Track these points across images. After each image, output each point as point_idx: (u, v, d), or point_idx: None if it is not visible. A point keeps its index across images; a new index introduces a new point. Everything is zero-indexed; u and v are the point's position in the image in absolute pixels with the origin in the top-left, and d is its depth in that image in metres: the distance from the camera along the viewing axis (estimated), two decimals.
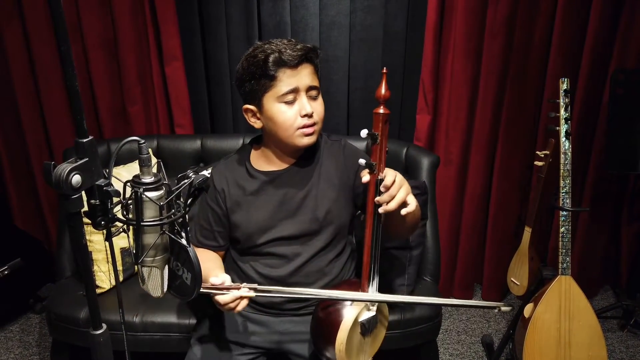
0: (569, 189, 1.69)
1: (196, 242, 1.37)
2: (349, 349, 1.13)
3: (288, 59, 1.18)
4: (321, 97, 1.28)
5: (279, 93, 1.20)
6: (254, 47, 1.24)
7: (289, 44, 1.21)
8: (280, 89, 1.20)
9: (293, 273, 1.32)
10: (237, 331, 1.36)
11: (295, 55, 1.18)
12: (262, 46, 1.22)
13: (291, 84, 1.20)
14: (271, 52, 1.19)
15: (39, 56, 2.11)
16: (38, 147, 2.29)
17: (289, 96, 1.21)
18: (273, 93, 1.21)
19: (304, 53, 1.20)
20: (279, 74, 1.19)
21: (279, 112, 1.22)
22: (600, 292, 2.53)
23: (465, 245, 2.37)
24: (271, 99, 1.22)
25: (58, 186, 0.67)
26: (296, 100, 1.22)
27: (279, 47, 1.20)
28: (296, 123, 1.22)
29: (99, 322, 0.78)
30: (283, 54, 1.18)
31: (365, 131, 1.04)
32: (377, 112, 1.05)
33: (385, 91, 1.06)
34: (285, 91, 1.20)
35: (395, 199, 1.05)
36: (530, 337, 1.68)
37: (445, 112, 2.16)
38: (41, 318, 2.29)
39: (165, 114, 2.27)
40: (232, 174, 1.34)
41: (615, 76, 1.90)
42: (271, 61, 1.18)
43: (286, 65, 1.19)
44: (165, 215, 0.82)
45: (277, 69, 1.19)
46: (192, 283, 0.91)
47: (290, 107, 1.22)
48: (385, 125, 1.05)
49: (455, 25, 2.01)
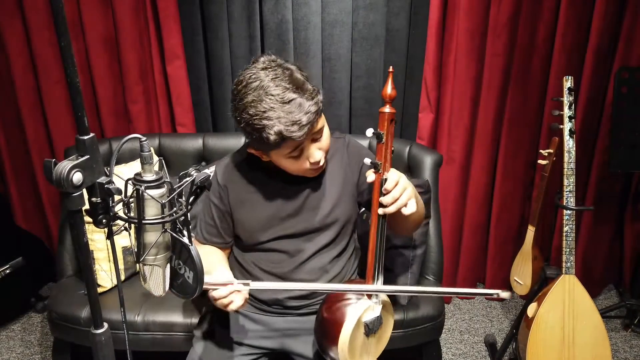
0: (572, 188, 1.68)
1: (202, 239, 1.36)
2: (352, 349, 1.12)
3: (292, 137, 1.08)
4: (325, 128, 1.20)
5: (284, 154, 1.16)
6: (249, 104, 1.09)
7: (291, 116, 1.07)
8: (285, 152, 1.15)
9: (295, 269, 1.32)
10: (239, 331, 1.35)
11: (301, 133, 1.08)
12: (259, 112, 1.08)
13: (296, 146, 1.14)
14: (272, 129, 1.08)
15: (40, 54, 2.11)
16: (39, 145, 2.28)
17: (295, 152, 1.16)
18: (278, 152, 1.16)
19: (310, 124, 1.10)
20: (282, 145, 1.12)
21: (287, 163, 1.19)
22: (603, 291, 2.52)
23: (468, 245, 2.36)
24: (277, 155, 1.18)
25: (59, 184, 0.66)
26: (303, 151, 1.17)
27: (280, 120, 1.07)
28: (305, 167, 1.20)
29: (100, 322, 0.78)
30: (285, 134, 1.07)
31: (370, 130, 1.03)
32: (382, 111, 1.05)
33: (392, 90, 1.06)
34: (290, 151, 1.15)
35: (397, 203, 1.05)
36: (533, 337, 1.67)
37: (447, 110, 2.15)
38: (43, 317, 2.29)
39: (167, 112, 2.26)
40: (236, 171, 1.33)
41: (620, 74, 1.89)
42: (273, 140, 1.09)
43: (291, 140, 1.10)
44: (167, 213, 0.81)
45: (281, 143, 1.10)
46: (194, 282, 0.90)
47: (297, 159, 1.18)
48: (390, 125, 1.05)
49: (458, 23, 2.00)
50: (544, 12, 1.99)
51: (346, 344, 1.10)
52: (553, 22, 2.01)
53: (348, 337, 1.10)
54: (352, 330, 1.10)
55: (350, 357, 1.13)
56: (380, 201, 1.06)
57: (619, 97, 1.90)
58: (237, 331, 1.35)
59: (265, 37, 2.07)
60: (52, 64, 2.14)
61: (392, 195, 1.05)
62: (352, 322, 1.11)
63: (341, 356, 1.12)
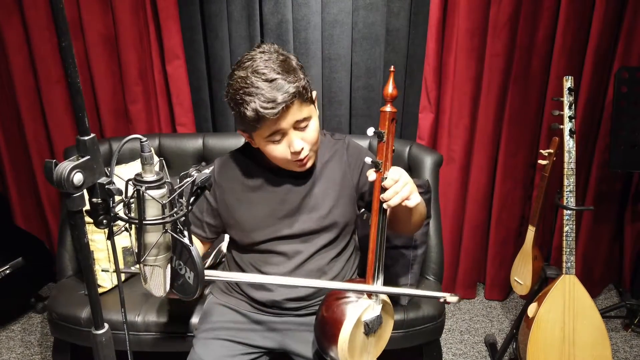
0: (572, 188, 1.68)
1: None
2: (352, 348, 1.12)
3: (266, 115, 1.11)
4: (313, 121, 1.21)
5: (264, 135, 1.17)
6: (236, 80, 1.15)
7: (269, 94, 1.11)
8: (264, 133, 1.17)
9: (293, 271, 1.31)
10: (239, 330, 1.35)
11: (275, 112, 1.11)
12: (242, 87, 1.13)
13: (274, 128, 1.15)
14: (249, 105, 1.11)
15: (39, 53, 2.11)
16: (38, 145, 2.28)
17: (276, 136, 1.17)
18: (259, 134, 1.18)
19: (285, 103, 1.12)
20: (260, 124, 1.14)
21: (269, 149, 1.20)
22: (603, 291, 2.52)
23: (468, 245, 2.36)
24: (259, 137, 1.19)
25: (60, 184, 0.66)
26: (284, 137, 1.18)
27: (258, 97, 1.11)
28: (288, 157, 1.20)
29: (101, 322, 0.77)
30: (260, 111, 1.11)
31: (371, 129, 1.04)
32: (384, 110, 1.05)
33: (393, 90, 1.06)
34: (269, 134, 1.17)
35: (399, 195, 1.05)
36: (534, 337, 1.67)
37: (448, 110, 2.15)
38: (42, 317, 2.29)
39: (167, 112, 2.26)
40: (234, 170, 1.33)
41: (619, 74, 1.89)
42: (249, 116, 1.12)
43: (266, 119, 1.13)
44: (167, 214, 0.81)
45: (258, 121, 1.13)
46: (194, 282, 0.90)
47: (279, 144, 1.19)
48: (392, 124, 1.05)
49: (458, 23, 2.00)
50: (544, 12, 1.99)
51: (346, 342, 1.10)
52: (553, 22, 2.01)
53: (348, 336, 1.10)
54: (352, 328, 1.10)
55: (350, 356, 1.12)
56: (381, 197, 1.07)
57: (618, 97, 1.90)
58: (236, 331, 1.35)
59: (265, 37, 2.07)
60: (52, 64, 2.14)
61: (393, 189, 1.05)
62: (352, 320, 1.11)
63: (341, 355, 1.12)
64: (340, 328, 1.11)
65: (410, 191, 1.07)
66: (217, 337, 1.34)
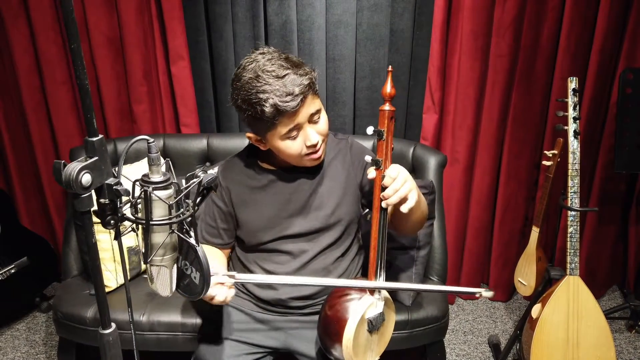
0: (577, 189, 1.67)
1: (201, 239, 1.37)
2: (356, 346, 1.12)
3: (286, 108, 1.12)
4: (323, 113, 1.23)
5: (281, 133, 1.17)
6: (246, 82, 1.15)
7: (285, 88, 1.11)
8: (282, 131, 1.17)
9: (298, 270, 1.32)
10: (243, 330, 1.35)
11: (295, 104, 1.12)
12: (255, 86, 1.13)
13: (293, 124, 1.16)
14: (267, 102, 1.11)
15: (45, 55, 2.12)
16: (43, 145, 2.29)
17: (293, 132, 1.18)
18: (275, 133, 1.18)
19: (303, 94, 1.13)
20: (278, 120, 1.14)
21: (284, 147, 1.20)
22: (607, 292, 2.51)
23: (471, 245, 2.36)
24: (274, 136, 1.19)
25: (68, 185, 0.67)
26: (299, 132, 1.19)
27: (275, 93, 1.11)
28: (303, 152, 1.21)
29: (108, 321, 0.78)
30: (280, 106, 1.11)
31: (371, 128, 1.06)
32: (382, 109, 1.08)
33: (391, 89, 1.09)
34: (287, 131, 1.17)
35: (398, 194, 1.06)
36: (537, 338, 1.67)
37: (452, 111, 2.15)
38: (47, 317, 2.30)
39: (171, 113, 2.27)
40: (239, 172, 1.34)
41: (624, 75, 1.89)
42: (268, 113, 1.12)
43: (285, 114, 1.13)
44: (174, 214, 0.82)
45: (276, 117, 1.13)
46: (200, 282, 0.90)
47: (295, 140, 1.19)
48: (390, 122, 1.08)
49: (462, 24, 2.00)
50: (548, 13, 1.99)
51: (350, 340, 1.10)
52: (557, 22, 2.00)
53: (352, 334, 1.10)
54: (356, 326, 1.10)
55: (355, 354, 1.13)
56: (381, 195, 1.08)
57: (623, 98, 1.90)
58: (240, 330, 1.35)
59: (269, 37, 2.08)
60: (57, 65, 2.15)
61: (392, 187, 1.06)
62: (355, 318, 1.11)
63: (345, 353, 1.12)
64: (344, 326, 1.12)
65: (410, 188, 1.08)
66: (222, 337, 1.35)
